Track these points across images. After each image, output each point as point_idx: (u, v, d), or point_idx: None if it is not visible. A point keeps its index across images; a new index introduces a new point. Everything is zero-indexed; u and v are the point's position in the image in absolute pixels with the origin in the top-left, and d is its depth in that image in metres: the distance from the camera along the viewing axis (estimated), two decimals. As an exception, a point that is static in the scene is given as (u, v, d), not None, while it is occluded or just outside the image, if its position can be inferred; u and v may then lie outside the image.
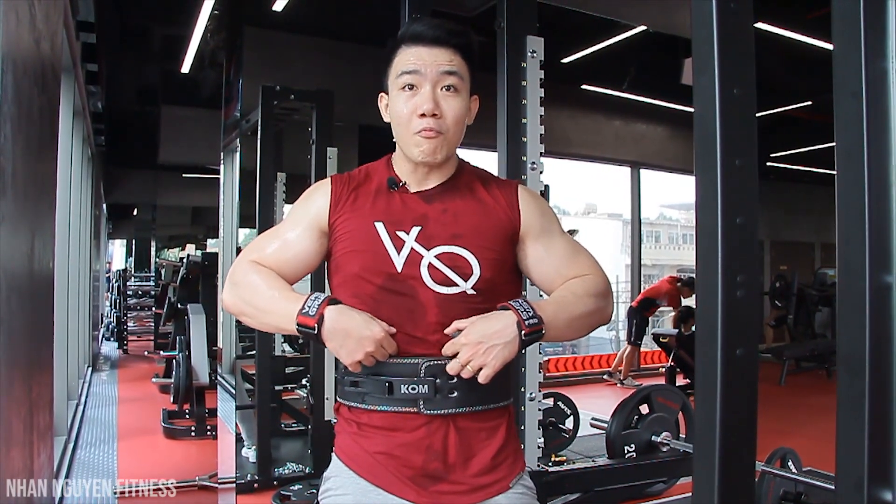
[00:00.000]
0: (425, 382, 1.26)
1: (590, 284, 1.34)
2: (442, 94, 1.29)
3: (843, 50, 1.07)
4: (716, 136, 1.05)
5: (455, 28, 1.32)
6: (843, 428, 1.07)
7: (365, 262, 1.30)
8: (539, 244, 1.37)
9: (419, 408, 1.27)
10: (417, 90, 1.29)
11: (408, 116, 1.29)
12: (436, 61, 1.29)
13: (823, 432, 2.45)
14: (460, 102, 1.31)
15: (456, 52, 1.31)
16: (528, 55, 2.50)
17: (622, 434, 3.29)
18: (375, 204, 1.34)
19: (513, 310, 1.25)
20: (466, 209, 1.34)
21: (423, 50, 1.30)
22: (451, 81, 1.30)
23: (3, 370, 1.76)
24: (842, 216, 1.08)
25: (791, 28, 5.64)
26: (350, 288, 1.32)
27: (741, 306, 1.04)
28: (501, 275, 1.34)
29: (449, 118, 1.29)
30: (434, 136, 1.28)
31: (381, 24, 2.84)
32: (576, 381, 7.94)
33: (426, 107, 1.27)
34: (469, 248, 1.30)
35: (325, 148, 4.20)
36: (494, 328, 1.23)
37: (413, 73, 1.29)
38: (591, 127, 8.81)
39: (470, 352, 1.22)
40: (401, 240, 1.30)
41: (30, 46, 2.16)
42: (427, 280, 1.28)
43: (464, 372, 1.23)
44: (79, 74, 5.08)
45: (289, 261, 1.36)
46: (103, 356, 9.79)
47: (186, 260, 6.77)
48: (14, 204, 1.90)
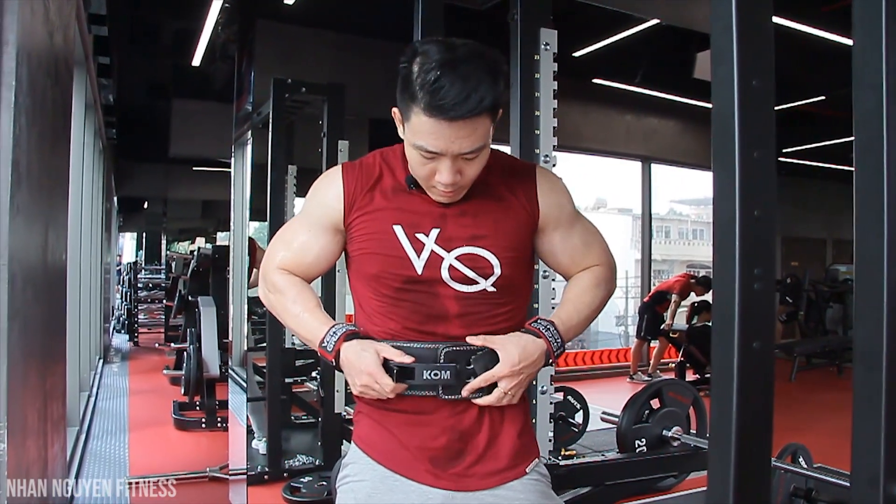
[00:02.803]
0: (446, 368, 1.27)
1: (599, 276, 1.41)
2: (463, 161, 1.22)
3: (864, 42, 1.06)
4: (734, 128, 1.03)
5: (483, 91, 1.15)
6: (859, 423, 1.06)
7: (384, 265, 1.30)
8: (557, 234, 1.39)
9: (438, 393, 1.28)
10: (437, 158, 1.21)
11: (425, 176, 1.25)
12: (458, 138, 1.17)
13: (834, 429, 2.44)
14: (481, 162, 1.25)
15: (480, 116, 1.17)
16: (542, 47, 2.49)
17: (633, 428, 3.29)
18: (392, 203, 1.32)
19: (544, 338, 1.30)
20: (486, 209, 1.32)
21: (445, 126, 1.16)
22: (472, 156, 1.22)
23: (19, 361, 1.77)
24: (860, 210, 1.07)
25: (805, 22, 5.58)
26: (368, 287, 1.34)
27: (758, 299, 1.03)
28: (520, 270, 1.35)
29: (468, 178, 1.25)
30: (453, 192, 1.26)
31: (394, 17, 2.84)
32: (585, 376, 7.93)
33: (447, 181, 1.22)
34: (490, 248, 1.30)
35: (336, 141, 4.20)
36: (529, 357, 1.28)
37: (432, 153, 1.20)
38: (603, 121, 8.78)
39: (512, 383, 1.26)
40: (420, 242, 1.29)
41: (43, 39, 2.17)
42: (447, 280, 1.29)
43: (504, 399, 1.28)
44: (90, 67, 5.09)
45: (310, 264, 1.40)
46: (114, 348, 9.84)
47: (197, 253, 6.79)
48: (29, 196, 1.92)
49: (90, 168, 6.12)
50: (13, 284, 1.66)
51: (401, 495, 1.30)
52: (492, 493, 1.30)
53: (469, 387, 1.26)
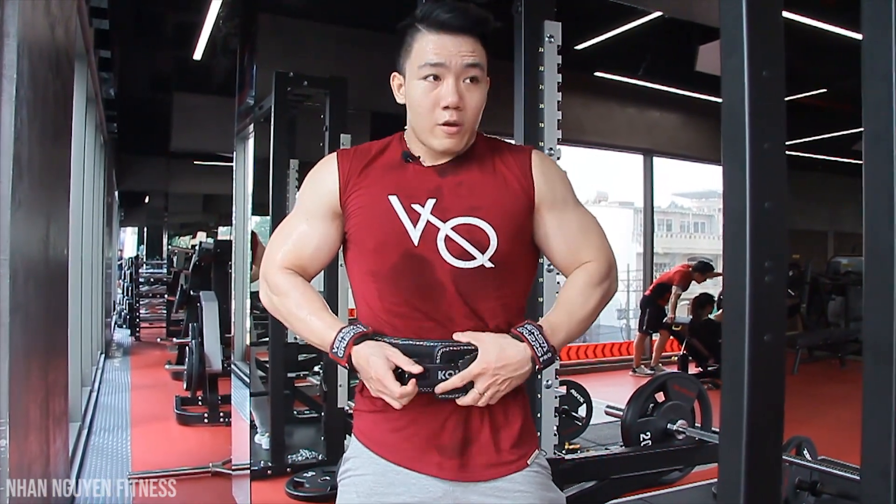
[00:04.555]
0: (451, 370, 1.25)
1: (595, 275, 1.37)
2: (465, 85, 1.28)
3: (873, 34, 1.05)
4: (744, 120, 1.02)
5: (478, 15, 1.29)
6: (869, 415, 1.05)
7: (381, 236, 1.29)
8: (553, 216, 1.36)
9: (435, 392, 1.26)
10: (440, 81, 1.27)
11: (429, 107, 1.28)
12: (460, 52, 1.26)
13: (837, 421, 2.44)
14: (481, 93, 1.30)
15: (478, 41, 1.28)
16: (546, 40, 2.48)
17: (638, 422, 3.28)
18: (387, 177, 1.33)
19: (527, 343, 1.26)
20: (482, 181, 1.33)
21: (448, 39, 1.26)
22: (474, 73, 1.28)
23: (21, 356, 1.77)
24: (869, 202, 1.06)
25: (808, 14, 5.56)
26: (365, 264, 1.32)
27: (769, 292, 1.03)
28: (518, 248, 1.33)
29: (470, 110, 1.29)
30: (456, 130, 1.28)
31: (395, 10, 2.82)
32: (587, 370, 7.93)
33: (451, 99, 1.26)
34: (487, 219, 1.29)
35: (338, 134, 4.19)
36: (510, 361, 1.25)
37: (437, 66, 1.26)
38: (605, 114, 8.75)
39: (487, 383, 1.24)
40: (416, 212, 1.29)
41: (44, 32, 2.15)
42: (444, 253, 1.27)
43: (480, 401, 1.25)
44: (91, 61, 5.09)
45: (311, 256, 1.38)
46: (116, 343, 9.86)
47: (199, 247, 6.78)
48: (30, 190, 1.91)
49: (91, 162, 6.11)
50: (14, 279, 1.65)
51: (402, 488, 1.29)
52: (493, 484, 1.30)
53: (442, 386, 1.24)
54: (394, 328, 1.29)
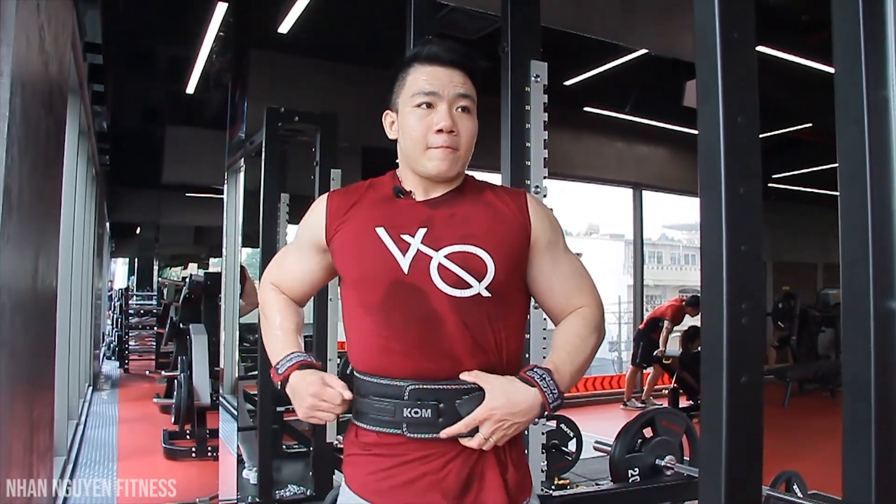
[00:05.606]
0: (428, 407, 1.22)
1: (590, 320, 1.36)
2: (457, 113, 1.31)
3: (845, 79, 1.08)
4: (720, 165, 1.05)
5: (467, 52, 1.35)
6: (850, 452, 1.06)
7: (367, 265, 1.28)
8: (546, 258, 1.35)
9: (402, 430, 1.24)
10: (433, 109, 1.30)
11: (423, 133, 1.30)
12: (452, 82, 1.31)
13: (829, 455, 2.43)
14: (473, 123, 1.34)
15: (468, 76, 1.33)
16: (532, 79, 2.51)
17: (626, 457, 3.26)
18: (376, 210, 1.33)
19: (539, 388, 1.24)
20: (476, 212, 1.32)
21: (440, 70, 1.31)
22: (465, 103, 1.32)
23: (4, 391, 1.76)
24: (845, 242, 1.08)
25: (793, 52, 5.67)
26: (355, 296, 1.30)
27: (746, 333, 1.04)
28: (514, 280, 1.32)
29: (464, 135, 1.31)
30: (450, 153, 1.29)
31: (386, 46, 2.87)
32: (578, 403, 7.89)
33: (444, 123, 1.28)
34: (483, 246, 1.27)
35: (328, 170, 4.21)
36: (519, 406, 1.22)
37: (430, 94, 1.30)
38: (594, 149, 8.85)
39: (492, 428, 1.21)
40: (405, 242, 1.27)
41: (39, 69, 2.18)
42: (438, 282, 1.24)
43: (486, 445, 1.23)
44: (85, 94, 5.12)
45: (296, 284, 1.46)
46: (104, 375, 9.77)
47: (189, 280, 6.76)
48: (19, 225, 1.91)
49: (82, 194, 6.12)
50: (1, 315, 1.65)
51: None
52: None
53: (447, 431, 1.21)
54: (387, 370, 1.25)
